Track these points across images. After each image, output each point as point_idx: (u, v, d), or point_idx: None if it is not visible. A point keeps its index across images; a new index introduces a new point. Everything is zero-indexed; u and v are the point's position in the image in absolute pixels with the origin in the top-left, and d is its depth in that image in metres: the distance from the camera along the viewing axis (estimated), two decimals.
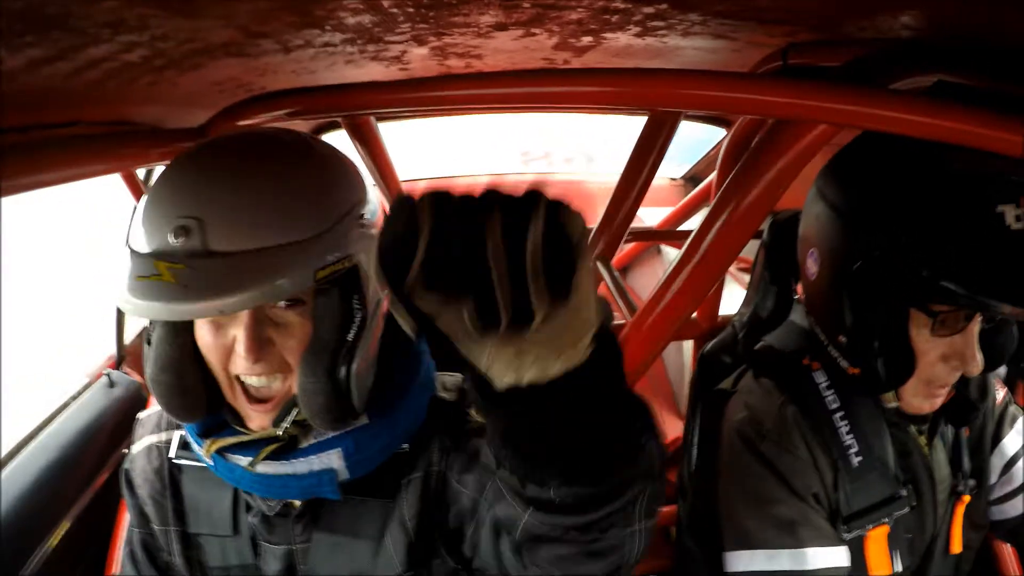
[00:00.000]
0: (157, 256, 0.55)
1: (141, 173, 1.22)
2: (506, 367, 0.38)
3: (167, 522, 0.75)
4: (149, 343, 0.65)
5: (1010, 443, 0.92)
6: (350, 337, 0.62)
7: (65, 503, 1.08)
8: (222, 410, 0.67)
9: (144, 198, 0.60)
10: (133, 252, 0.57)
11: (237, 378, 0.63)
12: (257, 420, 0.65)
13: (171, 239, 0.55)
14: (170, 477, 0.75)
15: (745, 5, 0.53)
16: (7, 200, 0.58)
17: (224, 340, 0.61)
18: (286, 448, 0.67)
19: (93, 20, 0.39)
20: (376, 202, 0.69)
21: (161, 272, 0.53)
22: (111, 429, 1.22)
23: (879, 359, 0.75)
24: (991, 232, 0.65)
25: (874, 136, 0.75)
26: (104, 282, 0.61)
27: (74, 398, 1.24)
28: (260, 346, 0.60)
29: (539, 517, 0.49)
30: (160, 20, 0.42)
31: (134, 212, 0.61)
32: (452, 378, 0.81)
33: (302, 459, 0.66)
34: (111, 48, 0.45)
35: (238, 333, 0.60)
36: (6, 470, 1.03)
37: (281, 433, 0.65)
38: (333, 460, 0.67)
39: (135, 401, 1.32)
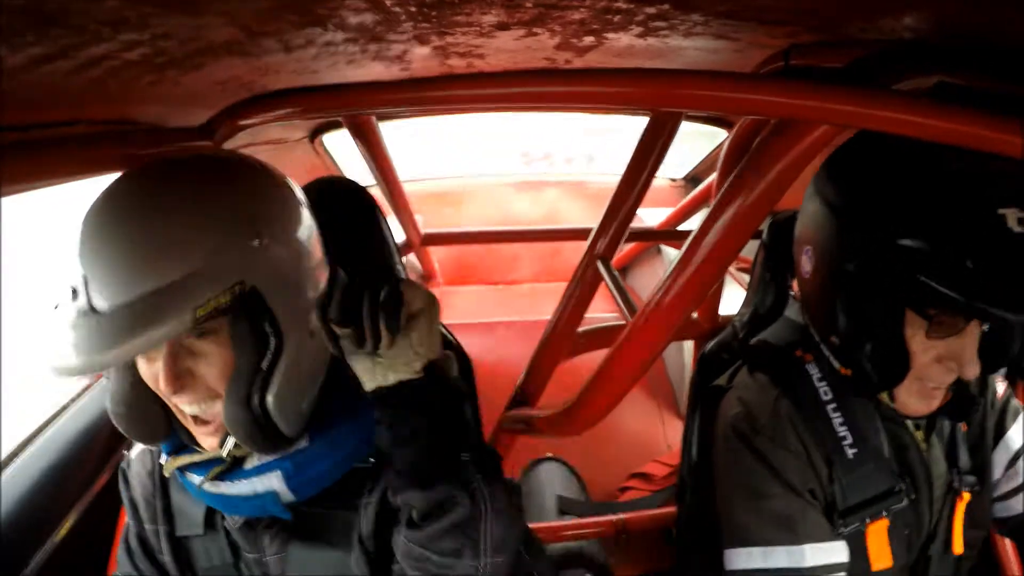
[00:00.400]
0: (59, 316, 0.57)
1: None
2: (366, 373, 0.64)
3: (156, 521, 0.77)
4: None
5: (1014, 437, 0.91)
6: (264, 364, 0.62)
7: (66, 504, 1.08)
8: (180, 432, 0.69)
9: None
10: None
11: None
12: (206, 441, 0.67)
13: (68, 298, 0.57)
14: (160, 480, 0.77)
15: (747, 6, 0.53)
16: (7, 200, 0.58)
17: (155, 371, 0.62)
18: (233, 468, 0.68)
19: (94, 18, 0.39)
20: (308, 235, 0.67)
21: (59, 332, 0.56)
22: (111, 430, 1.21)
23: (871, 362, 0.74)
24: (991, 236, 0.63)
25: (872, 133, 0.75)
26: None
27: (74, 400, 1.24)
28: (177, 377, 0.61)
29: (407, 534, 0.64)
30: (162, 19, 0.42)
31: None
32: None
33: (244, 481, 0.68)
34: (112, 46, 0.45)
35: (159, 366, 0.61)
36: (7, 471, 1.03)
37: (225, 455, 0.66)
38: (273, 482, 0.68)
39: None
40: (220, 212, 0.61)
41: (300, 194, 0.69)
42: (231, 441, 0.65)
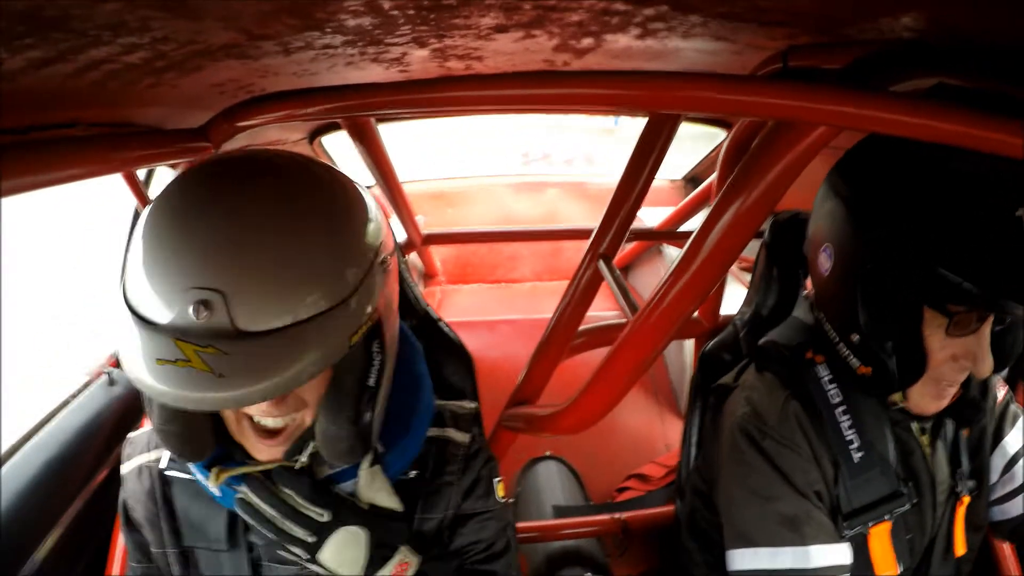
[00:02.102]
0: (178, 334, 0.49)
1: (141, 174, 1.22)
2: None
3: (163, 544, 0.74)
4: None
5: (1011, 442, 0.92)
6: (371, 383, 0.61)
7: (65, 501, 1.08)
8: (227, 443, 0.66)
9: (139, 247, 0.54)
10: (143, 321, 0.51)
11: (247, 415, 0.62)
12: (266, 453, 0.64)
13: (191, 314, 0.49)
14: (162, 495, 0.74)
15: (746, 7, 0.53)
16: (7, 200, 0.58)
17: None
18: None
19: (94, 22, 0.39)
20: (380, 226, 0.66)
21: (189, 357, 0.48)
22: (111, 427, 1.22)
23: (892, 358, 0.75)
24: (1012, 234, 0.65)
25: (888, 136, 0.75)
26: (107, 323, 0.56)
27: (74, 396, 1.24)
28: (282, 398, 0.58)
29: None
30: (161, 22, 0.42)
31: (127, 259, 0.54)
32: (463, 409, 0.82)
33: None
34: (112, 50, 0.45)
35: None
36: (5, 468, 1.03)
37: (296, 467, 0.65)
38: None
39: (135, 399, 1.32)
40: (365, 232, 0.59)
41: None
42: (307, 452, 0.65)
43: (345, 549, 0.64)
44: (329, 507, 0.65)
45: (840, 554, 0.81)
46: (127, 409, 1.28)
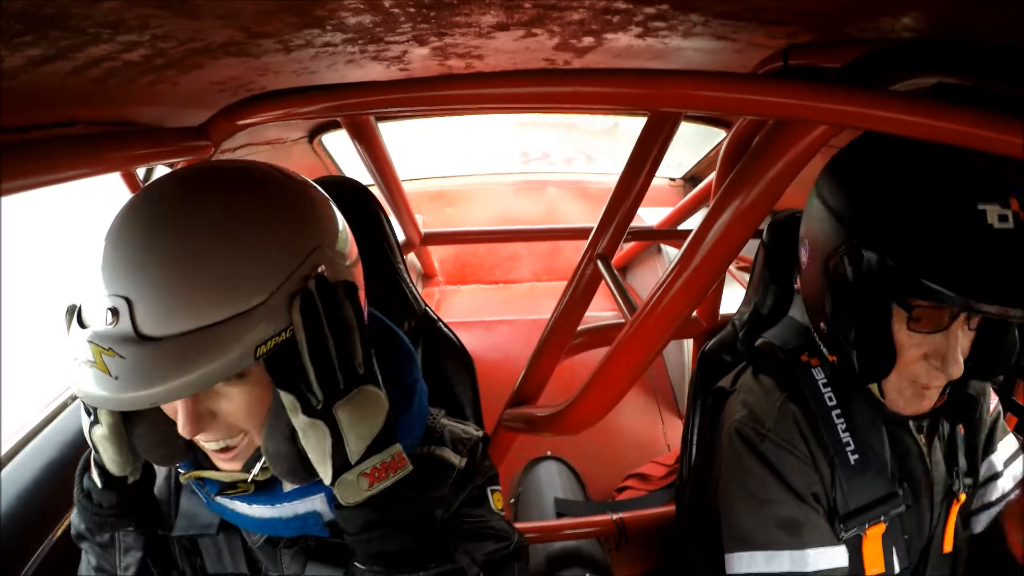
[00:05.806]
0: (91, 337, 0.52)
1: (141, 173, 1.22)
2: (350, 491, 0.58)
3: (169, 528, 0.75)
4: None
5: (996, 461, 0.93)
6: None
7: (65, 502, 1.08)
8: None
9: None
10: (78, 323, 0.55)
11: None
12: (226, 466, 0.64)
13: (103, 320, 0.52)
14: (175, 482, 0.76)
15: (746, 6, 0.53)
16: (7, 200, 0.58)
17: (173, 406, 0.59)
18: (267, 486, 0.66)
19: (93, 20, 0.39)
20: (346, 238, 0.63)
21: (95, 359, 0.51)
22: None
23: (855, 350, 0.75)
24: (971, 230, 0.64)
25: (875, 137, 0.76)
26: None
27: (74, 397, 1.24)
28: (197, 420, 0.58)
29: None
30: (161, 20, 0.42)
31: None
32: (467, 434, 0.77)
33: (287, 503, 0.66)
34: (111, 48, 0.45)
35: (178, 405, 0.58)
36: (6, 469, 1.03)
37: (249, 480, 0.64)
38: (317, 504, 0.66)
39: None
40: (289, 240, 0.57)
41: (336, 209, 0.65)
42: (258, 466, 0.64)
43: None
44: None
45: (837, 557, 0.81)
46: None
